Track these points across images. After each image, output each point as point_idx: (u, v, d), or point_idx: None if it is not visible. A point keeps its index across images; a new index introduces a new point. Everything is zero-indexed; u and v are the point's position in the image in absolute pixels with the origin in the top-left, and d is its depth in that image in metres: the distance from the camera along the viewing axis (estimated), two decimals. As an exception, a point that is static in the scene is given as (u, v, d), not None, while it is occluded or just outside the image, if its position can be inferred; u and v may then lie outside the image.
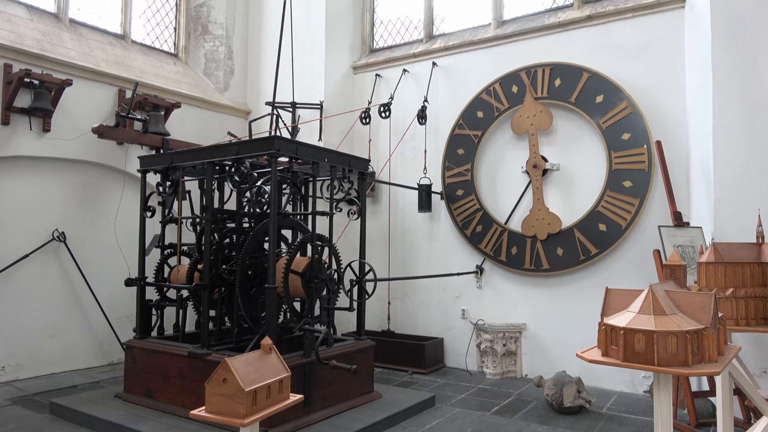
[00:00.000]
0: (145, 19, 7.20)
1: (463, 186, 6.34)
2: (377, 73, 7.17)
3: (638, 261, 5.30)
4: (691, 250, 4.63)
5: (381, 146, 6.98)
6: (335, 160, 4.61)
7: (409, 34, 7.27)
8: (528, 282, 5.94)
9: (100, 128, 5.61)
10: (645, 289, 2.20)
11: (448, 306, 6.44)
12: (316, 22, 7.19)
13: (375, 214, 6.94)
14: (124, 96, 6.15)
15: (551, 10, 6.19)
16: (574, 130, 5.77)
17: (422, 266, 6.63)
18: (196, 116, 7.03)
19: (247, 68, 7.87)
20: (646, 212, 5.31)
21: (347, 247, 5.95)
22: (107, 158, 6.08)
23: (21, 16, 5.79)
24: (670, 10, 5.34)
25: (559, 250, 5.70)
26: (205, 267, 4.40)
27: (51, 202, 5.72)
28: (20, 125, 5.39)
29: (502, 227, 6.05)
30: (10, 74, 5.27)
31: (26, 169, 5.54)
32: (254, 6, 7.91)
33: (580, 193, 5.70)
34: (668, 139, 5.19)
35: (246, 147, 4.27)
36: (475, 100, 6.32)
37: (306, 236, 4.58)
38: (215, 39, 7.60)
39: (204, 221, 4.50)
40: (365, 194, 5.08)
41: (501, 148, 6.21)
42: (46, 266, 5.67)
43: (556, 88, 5.80)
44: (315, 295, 4.28)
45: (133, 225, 5.32)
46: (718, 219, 4.39)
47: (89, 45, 6.28)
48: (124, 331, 5.92)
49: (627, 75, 5.47)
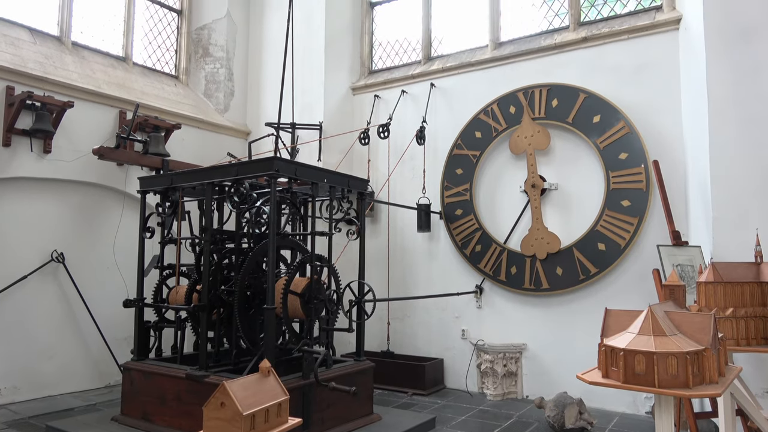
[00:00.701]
0: (146, 41, 7.29)
1: (462, 205, 6.36)
2: (376, 94, 7.23)
3: (637, 280, 5.30)
4: (691, 269, 4.63)
5: (380, 166, 7.02)
6: (334, 180, 4.63)
7: (407, 55, 7.35)
8: (528, 302, 5.93)
9: (101, 149, 5.65)
10: (644, 310, 2.20)
11: (447, 326, 6.41)
12: (315, 44, 7.28)
13: (374, 234, 6.95)
14: (125, 117, 6.20)
15: (547, 32, 6.27)
16: (572, 150, 5.81)
17: (422, 286, 6.61)
18: (197, 137, 7.08)
19: (247, 89, 7.95)
20: (645, 231, 5.32)
21: (346, 267, 5.95)
22: (107, 179, 6.10)
23: (24, 39, 5.87)
24: (665, 32, 5.41)
25: (558, 270, 5.69)
26: (203, 288, 4.39)
27: (50, 223, 5.73)
28: (21, 147, 5.42)
29: (502, 247, 6.06)
30: (12, 96, 5.32)
31: (26, 190, 5.56)
32: (254, 29, 8.01)
33: (578, 212, 5.72)
34: (665, 159, 5.22)
35: (245, 168, 4.29)
36: (473, 121, 6.37)
37: (305, 257, 4.58)
38: (216, 61, 7.69)
39: (203, 242, 4.50)
40: (364, 214, 5.09)
41: (499, 167, 6.24)
42: (45, 287, 5.65)
43: (554, 108, 5.85)
44: (314, 316, 4.27)
45: (132, 246, 5.32)
46: (716, 238, 4.40)
47: (91, 67, 6.34)
48: (121, 353, 5.88)
49: (623, 95, 5.52)
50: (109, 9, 6.80)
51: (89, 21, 6.59)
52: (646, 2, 5.78)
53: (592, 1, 6.09)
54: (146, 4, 7.27)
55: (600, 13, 6.02)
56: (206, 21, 7.76)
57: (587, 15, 6.08)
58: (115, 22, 6.87)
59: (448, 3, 7.09)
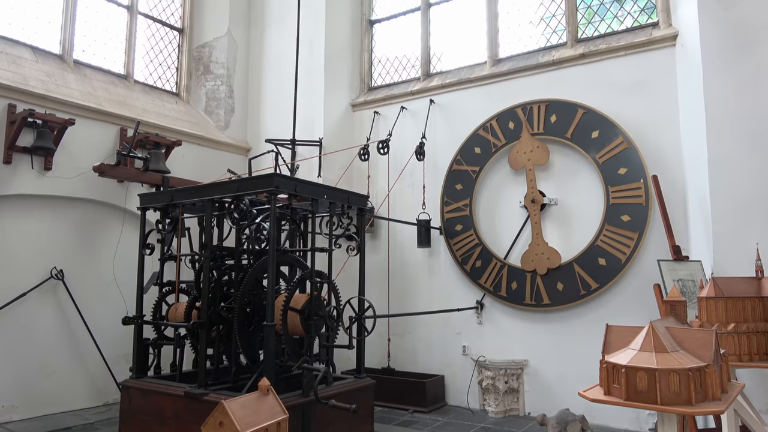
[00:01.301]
0: (148, 59, 7.35)
1: (462, 221, 6.36)
2: (376, 111, 7.27)
3: (639, 295, 5.28)
4: (692, 284, 4.61)
5: (380, 182, 7.03)
6: (334, 196, 4.64)
7: (406, 72, 7.41)
8: (529, 317, 5.90)
9: (101, 167, 5.67)
10: (646, 326, 2.18)
11: (448, 342, 6.37)
12: (316, 61, 7.34)
13: (374, 250, 6.93)
14: (126, 134, 6.23)
15: (545, 48, 6.32)
16: (571, 165, 5.83)
17: (422, 302, 6.59)
18: (197, 154, 7.10)
19: (248, 106, 7.99)
20: (645, 246, 5.31)
21: (346, 282, 5.93)
22: (107, 196, 6.11)
23: (26, 58, 5.92)
24: (662, 48, 5.46)
25: (559, 285, 5.67)
26: (203, 304, 4.37)
27: (50, 240, 5.72)
28: (22, 164, 5.44)
29: (502, 262, 6.04)
30: (14, 114, 5.35)
31: (26, 207, 5.56)
32: (254, 46, 8.08)
33: (578, 227, 5.71)
34: (664, 174, 5.23)
35: (245, 184, 4.30)
36: (472, 136, 6.40)
37: (305, 273, 4.57)
38: (216, 78, 7.74)
39: (203, 258, 4.49)
40: (364, 230, 5.09)
41: (499, 183, 6.25)
42: (44, 304, 5.63)
43: (552, 124, 5.88)
44: (314, 333, 4.25)
45: (132, 262, 5.31)
46: (716, 253, 4.39)
47: (92, 85, 6.39)
48: (120, 371, 5.84)
49: (621, 111, 5.55)
50: (111, 28, 6.86)
51: (91, 39, 6.65)
52: (642, 19, 5.84)
53: (589, 18, 6.15)
54: (148, 23, 7.35)
55: (597, 30, 6.08)
56: (207, 39, 7.83)
57: (584, 32, 6.14)
58: (117, 41, 6.94)
59: (447, 20, 7.16)
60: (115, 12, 6.91)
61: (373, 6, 7.80)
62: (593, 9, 6.13)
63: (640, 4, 5.87)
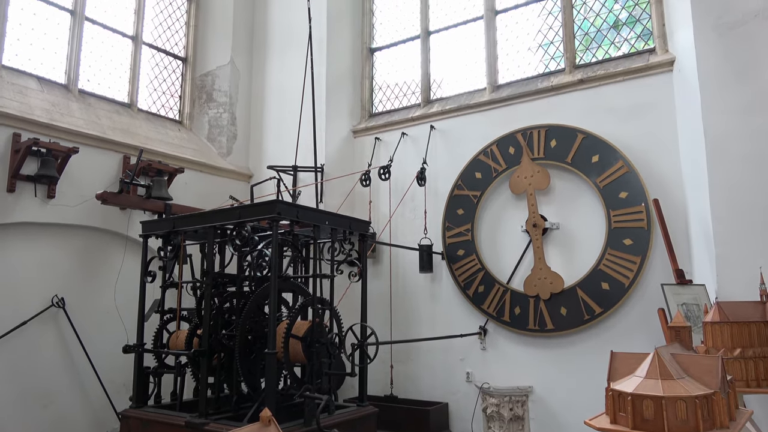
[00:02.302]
0: (151, 88, 7.45)
1: (464, 246, 6.35)
2: (377, 137, 7.33)
3: (643, 319, 5.24)
4: (696, 308, 4.59)
5: (381, 207, 7.05)
6: (336, 222, 4.64)
7: (407, 98, 7.49)
8: (533, 343, 5.84)
9: (104, 195, 5.70)
10: (651, 352, 2.16)
11: (452, 369, 6.30)
12: (317, 88, 7.40)
13: (376, 276, 6.91)
14: (129, 162, 6.27)
15: (544, 74, 6.40)
16: (572, 189, 5.84)
17: (425, 328, 6.54)
18: (199, 180, 7.14)
19: (250, 133, 8.06)
20: (648, 270, 5.29)
21: (348, 308, 5.89)
22: (110, 223, 6.12)
23: (32, 88, 6.00)
24: (660, 74, 5.52)
25: (562, 310, 5.64)
26: (204, 332, 4.34)
27: (52, 268, 5.72)
28: (25, 192, 5.47)
29: (505, 287, 6.01)
30: (18, 143, 5.40)
31: (29, 235, 5.57)
32: (257, 74, 8.19)
33: (580, 251, 5.70)
34: (666, 197, 5.24)
35: (247, 211, 4.32)
36: (473, 162, 6.43)
37: (307, 299, 4.55)
38: (219, 106, 7.83)
39: (204, 286, 4.48)
40: (366, 256, 5.08)
41: (500, 207, 6.27)
42: (44, 333, 5.60)
43: (552, 148, 5.92)
44: (316, 360, 4.21)
45: (134, 290, 5.30)
46: (720, 276, 4.37)
47: (96, 114, 6.46)
48: (120, 400, 5.77)
49: (621, 135, 5.59)
50: (116, 58, 6.97)
51: (96, 69, 6.75)
52: (639, 45, 5.92)
53: (586, 45, 6.24)
54: (152, 53, 7.46)
55: (595, 56, 6.16)
56: (210, 68, 7.94)
57: (582, 58, 6.22)
58: (122, 70, 7.04)
59: (446, 48, 7.26)
60: (120, 42, 7.03)
61: (373, 34, 7.93)
62: (590, 36, 6.22)
63: (636, 30, 5.96)
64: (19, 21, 6.04)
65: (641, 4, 5.95)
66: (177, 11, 7.87)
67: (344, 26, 7.77)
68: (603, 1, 6.21)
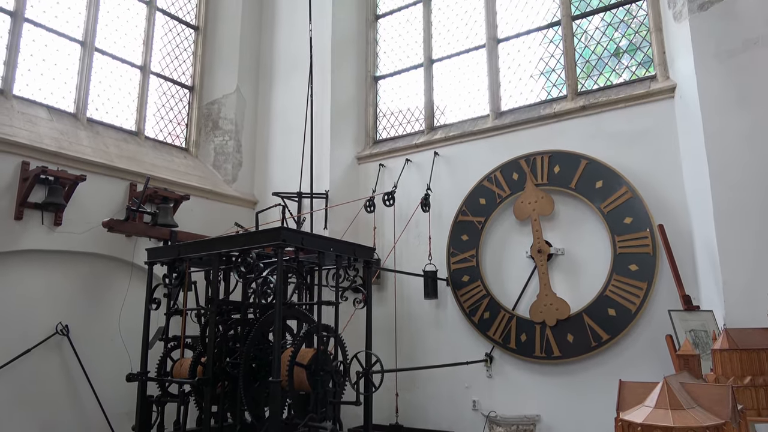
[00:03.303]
0: (159, 116, 7.55)
1: (469, 272, 6.33)
2: (381, 163, 7.38)
3: (651, 346, 5.18)
4: (704, 335, 4.54)
5: (386, 233, 7.05)
6: (340, 249, 4.65)
7: (410, 125, 7.56)
8: (539, 370, 5.77)
9: (110, 222, 5.73)
10: (660, 382, 2.14)
11: (458, 397, 6.22)
12: (322, 115, 7.52)
13: (381, 302, 6.88)
14: (136, 189, 6.32)
15: (546, 101, 6.46)
16: (576, 214, 5.85)
17: (430, 355, 6.48)
18: (205, 207, 7.18)
19: (255, 160, 8.13)
20: (655, 296, 5.25)
21: (353, 335, 5.86)
22: (115, 250, 6.14)
23: (42, 117, 6.09)
24: (661, 100, 5.56)
25: (569, 337, 5.59)
26: (208, 360, 4.32)
27: (57, 295, 5.72)
28: (33, 220, 5.51)
29: (510, 313, 5.97)
30: (27, 171, 5.46)
31: (35, 262, 5.59)
32: (262, 102, 8.30)
33: (586, 277, 5.67)
34: (670, 223, 5.23)
35: (252, 238, 4.33)
36: (477, 188, 6.45)
37: (311, 326, 4.53)
38: (225, 134, 7.92)
39: (209, 313, 4.47)
40: (371, 282, 5.07)
41: (505, 233, 6.26)
42: (48, 361, 5.57)
43: (556, 174, 5.94)
44: (320, 389, 4.17)
45: (138, 317, 5.29)
46: (728, 302, 4.34)
47: (104, 142, 6.54)
48: (122, 429, 5.71)
49: (624, 161, 5.61)
50: (124, 87, 7.09)
51: (105, 98, 6.86)
52: (640, 72, 5.98)
53: (588, 72, 6.32)
54: (159, 82, 7.59)
55: (596, 83, 6.23)
56: (217, 96, 8.06)
57: (584, 85, 6.29)
58: (129, 99, 7.15)
59: (450, 75, 7.36)
60: (129, 72, 7.16)
61: (377, 63, 8.05)
62: (591, 63, 6.30)
63: (637, 58, 6.03)
64: (31, 52, 6.17)
65: (641, 32, 6.04)
66: (184, 41, 8.03)
67: (349, 55, 7.90)
68: (603, 30, 6.31)
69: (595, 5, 6.37)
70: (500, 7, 7.03)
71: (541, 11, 6.74)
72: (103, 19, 6.91)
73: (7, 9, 5.99)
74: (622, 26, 6.22)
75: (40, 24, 6.26)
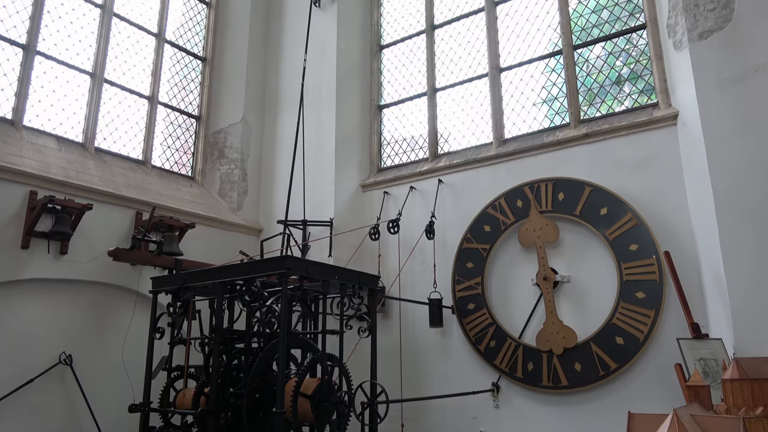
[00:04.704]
0: (165, 145, 7.64)
1: (474, 299, 6.29)
2: (385, 191, 7.41)
3: (660, 375, 5.09)
4: (714, 364, 4.47)
5: (390, 261, 7.04)
6: (345, 277, 4.64)
7: (414, 153, 7.62)
8: (547, 400, 5.68)
9: (116, 251, 5.75)
10: (669, 414, 2.10)
11: (465, 427, 6.11)
12: (326, 144, 7.59)
13: (386, 330, 6.83)
14: (141, 218, 6.36)
15: (549, 129, 6.51)
16: (582, 241, 5.82)
17: (436, 384, 6.39)
18: (210, 235, 7.20)
19: (260, 188, 8.19)
20: (663, 324, 5.19)
21: (358, 364, 5.79)
22: (120, 279, 6.15)
23: (51, 147, 6.17)
24: (664, 127, 5.58)
25: (576, 366, 5.51)
26: (211, 390, 4.27)
27: (61, 324, 5.71)
28: (39, 248, 5.53)
29: (516, 342, 5.91)
30: (34, 200, 5.51)
31: (40, 291, 5.59)
32: (268, 131, 8.40)
33: (593, 305, 5.62)
34: (677, 250, 5.19)
35: (257, 267, 4.33)
36: (481, 215, 6.46)
37: (316, 356, 4.49)
38: (231, 162, 8.00)
39: (212, 342, 4.44)
40: (376, 311, 5.04)
41: (510, 260, 6.24)
42: (50, 391, 5.53)
43: (560, 201, 5.94)
44: (325, 420, 4.11)
45: (142, 346, 5.26)
46: (737, 331, 4.28)
47: (111, 171, 6.61)
48: (124, 461, 5.63)
49: (628, 188, 5.61)
50: (132, 117, 7.19)
51: (113, 128, 6.96)
52: (642, 99, 6.03)
53: (590, 100, 6.37)
54: (167, 112, 7.71)
55: (599, 110, 6.27)
56: (223, 125, 8.16)
57: (586, 113, 6.33)
58: (137, 129, 7.25)
59: (453, 104, 7.44)
60: (137, 102, 7.27)
61: (381, 92, 8.15)
62: (593, 91, 6.36)
63: (638, 86, 6.08)
64: (42, 84, 6.29)
65: (642, 61, 6.10)
66: (192, 72, 8.17)
67: (353, 84, 8.01)
68: (605, 58, 6.38)
69: (596, 35, 6.46)
70: (502, 37, 7.14)
71: (542, 41, 6.84)
72: (113, 51, 7.06)
73: (20, 42, 6.13)
74: (623, 55, 6.29)
75: (51, 56, 6.40)
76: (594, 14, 6.54)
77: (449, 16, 7.74)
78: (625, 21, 6.31)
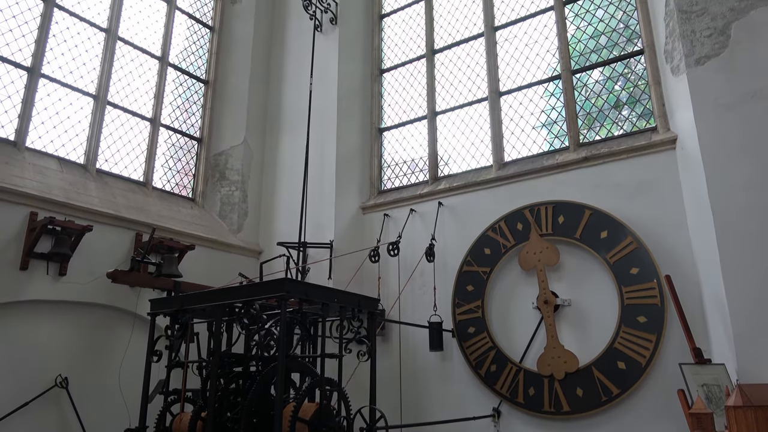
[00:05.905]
0: (167, 167, 7.68)
1: (474, 323, 6.24)
2: (385, 213, 7.41)
3: (663, 401, 5.03)
4: (717, 389, 4.41)
5: (390, 283, 7.01)
6: (345, 300, 4.61)
7: (414, 176, 7.64)
8: (549, 426, 5.60)
9: (114, 273, 5.73)
10: (672, 442, 2.07)
11: (465, 454, 6.01)
12: (327, 167, 7.62)
13: (385, 354, 6.76)
14: (141, 239, 6.35)
15: (549, 152, 6.54)
16: (582, 265, 5.81)
17: (436, 409, 6.30)
18: (210, 257, 7.18)
19: (260, 210, 8.20)
20: (665, 348, 5.14)
21: (357, 388, 5.72)
22: (119, 301, 6.12)
23: (52, 168, 6.20)
24: (663, 151, 5.60)
25: (578, 391, 5.44)
26: (208, 415, 4.21)
27: (57, 346, 5.66)
28: (38, 270, 5.52)
29: (517, 366, 5.85)
30: (34, 222, 5.51)
31: (38, 312, 5.56)
32: (269, 154, 8.44)
33: (594, 329, 5.58)
34: (678, 274, 5.17)
35: (256, 289, 4.30)
36: (481, 238, 6.45)
37: (314, 380, 4.44)
38: (231, 184, 8.02)
39: (210, 366, 4.39)
40: (375, 334, 4.99)
41: (510, 284, 6.21)
42: (45, 415, 5.45)
43: (560, 224, 5.94)
44: (323, 446, 4.04)
45: (139, 369, 5.20)
46: (740, 356, 4.23)
47: (112, 192, 6.62)
48: (118, 488, 5.52)
49: (628, 211, 5.61)
50: (134, 139, 7.24)
51: (114, 150, 7.00)
52: (641, 123, 6.07)
53: (589, 124, 6.41)
54: (168, 134, 7.76)
55: (598, 134, 6.31)
56: (224, 148, 8.21)
57: (585, 136, 6.37)
58: (139, 150, 7.29)
59: (453, 127, 7.49)
60: (139, 124, 7.33)
61: (381, 115, 8.22)
62: (592, 115, 6.41)
63: (637, 110, 6.13)
64: (45, 106, 6.35)
65: (640, 85, 6.16)
66: (194, 95, 8.25)
67: (354, 107, 8.08)
68: (603, 83, 6.45)
69: (594, 60, 6.53)
70: (502, 62, 7.22)
71: (541, 66, 6.91)
72: (117, 74, 7.14)
73: (25, 65, 6.20)
74: (621, 79, 6.36)
75: (55, 79, 6.46)
76: (592, 40, 6.62)
77: (449, 41, 7.85)
78: (623, 46, 6.39)
